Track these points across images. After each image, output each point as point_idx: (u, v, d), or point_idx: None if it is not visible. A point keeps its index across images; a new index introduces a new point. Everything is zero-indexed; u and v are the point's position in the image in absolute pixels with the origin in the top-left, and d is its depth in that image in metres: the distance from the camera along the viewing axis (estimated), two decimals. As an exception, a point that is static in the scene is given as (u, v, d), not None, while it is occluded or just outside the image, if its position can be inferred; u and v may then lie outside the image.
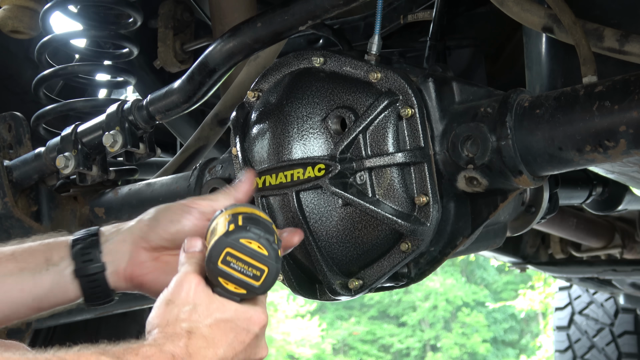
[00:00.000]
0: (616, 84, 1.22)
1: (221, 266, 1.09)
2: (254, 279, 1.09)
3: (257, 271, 1.09)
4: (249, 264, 1.09)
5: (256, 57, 1.76)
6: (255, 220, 1.14)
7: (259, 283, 1.09)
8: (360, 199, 1.37)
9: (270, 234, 1.12)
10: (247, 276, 1.09)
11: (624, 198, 2.50)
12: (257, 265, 1.09)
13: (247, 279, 1.09)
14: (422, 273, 1.44)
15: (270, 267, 1.09)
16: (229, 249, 1.09)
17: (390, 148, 1.36)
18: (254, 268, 1.09)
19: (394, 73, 1.37)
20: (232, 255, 1.09)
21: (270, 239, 1.11)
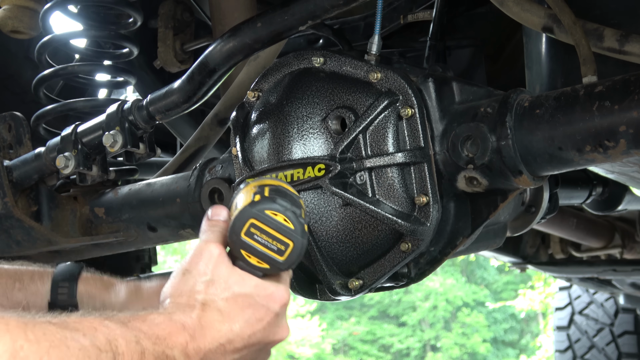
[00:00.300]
0: (616, 84, 1.22)
1: (244, 238, 1.04)
2: (278, 253, 1.04)
3: (282, 245, 1.04)
4: (274, 237, 1.04)
5: (256, 57, 1.76)
6: (282, 192, 1.09)
7: (283, 258, 1.04)
8: (360, 199, 1.36)
9: (298, 207, 1.07)
10: (271, 250, 1.04)
11: (624, 198, 2.50)
12: (282, 239, 1.04)
13: (270, 252, 1.04)
14: (422, 273, 1.44)
15: (296, 241, 1.04)
16: (253, 219, 1.04)
17: (390, 148, 1.36)
18: (278, 242, 1.04)
19: (394, 73, 1.37)
20: (257, 226, 1.04)
21: (297, 212, 1.05)
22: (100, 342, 0.85)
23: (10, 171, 1.89)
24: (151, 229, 1.84)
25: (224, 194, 1.65)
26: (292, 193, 1.11)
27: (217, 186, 1.66)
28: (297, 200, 1.10)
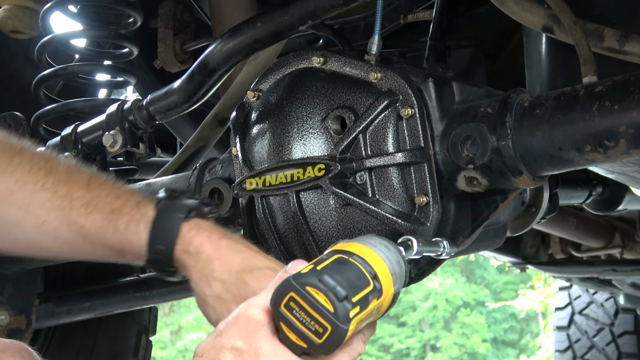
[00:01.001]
0: (616, 84, 1.22)
1: (284, 311, 0.95)
2: (315, 334, 0.94)
3: (320, 327, 0.94)
4: (312, 316, 0.94)
5: (256, 57, 1.76)
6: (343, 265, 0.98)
7: (321, 341, 0.94)
8: (360, 199, 1.36)
9: (351, 288, 0.95)
10: (308, 329, 0.95)
11: (624, 198, 2.50)
12: (320, 321, 0.94)
13: (308, 332, 0.95)
14: (422, 273, 1.44)
15: (334, 326, 0.93)
16: (293, 294, 0.95)
17: (390, 148, 1.36)
18: (317, 323, 0.94)
19: (394, 73, 1.37)
20: (296, 302, 0.95)
21: (342, 295, 0.94)
22: None
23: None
24: (151, 229, 1.84)
25: (224, 194, 1.65)
26: (360, 268, 0.99)
27: (217, 186, 1.66)
28: (359, 280, 0.97)
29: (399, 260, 1.06)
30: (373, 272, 0.99)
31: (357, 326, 0.97)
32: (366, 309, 0.96)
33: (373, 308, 0.98)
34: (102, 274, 2.63)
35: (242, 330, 0.95)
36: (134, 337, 2.77)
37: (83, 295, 2.45)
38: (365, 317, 0.98)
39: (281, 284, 0.97)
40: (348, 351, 1.00)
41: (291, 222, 1.44)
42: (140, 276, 2.60)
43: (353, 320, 0.94)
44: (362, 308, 0.95)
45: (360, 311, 0.95)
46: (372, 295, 0.97)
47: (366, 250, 1.02)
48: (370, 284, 0.98)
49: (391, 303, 1.04)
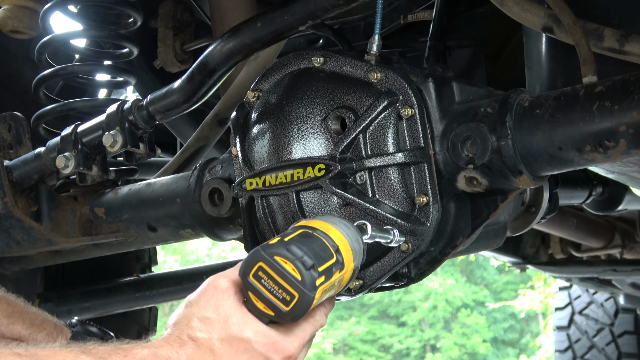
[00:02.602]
0: (616, 84, 1.22)
1: (252, 280, 0.99)
2: (283, 302, 0.98)
3: (287, 295, 0.98)
4: (280, 285, 0.98)
5: (256, 57, 1.76)
6: (309, 238, 1.02)
7: (288, 308, 0.98)
8: (360, 199, 1.36)
9: (317, 258, 0.99)
10: (276, 297, 0.98)
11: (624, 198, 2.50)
12: (287, 289, 0.98)
13: (275, 300, 0.98)
14: (422, 273, 1.44)
15: (301, 294, 0.97)
16: (262, 263, 0.99)
17: (390, 148, 1.36)
18: (284, 291, 0.98)
19: (394, 73, 1.37)
20: (265, 271, 0.98)
21: (309, 264, 0.98)
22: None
23: (10, 171, 1.89)
24: (151, 229, 1.84)
25: (224, 194, 1.65)
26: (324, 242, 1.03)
27: (217, 186, 1.66)
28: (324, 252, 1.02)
29: (358, 239, 1.12)
30: (335, 246, 1.04)
31: (321, 296, 1.00)
32: (330, 279, 1.00)
33: (335, 280, 1.02)
34: (102, 274, 2.64)
35: (210, 300, 0.97)
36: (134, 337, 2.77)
37: (83, 295, 2.45)
38: (329, 288, 1.01)
39: (250, 254, 1.00)
40: (311, 321, 1.03)
41: (291, 222, 1.44)
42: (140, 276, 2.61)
43: (319, 289, 0.98)
44: (327, 278, 0.99)
45: (325, 281, 0.99)
46: (335, 267, 1.01)
47: (329, 227, 1.07)
48: (334, 256, 1.02)
49: (351, 277, 1.08)
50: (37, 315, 1.33)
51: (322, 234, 1.05)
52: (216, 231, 1.75)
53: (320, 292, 0.99)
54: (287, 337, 1.00)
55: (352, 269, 1.08)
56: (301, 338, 1.02)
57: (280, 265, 0.98)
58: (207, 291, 1.00)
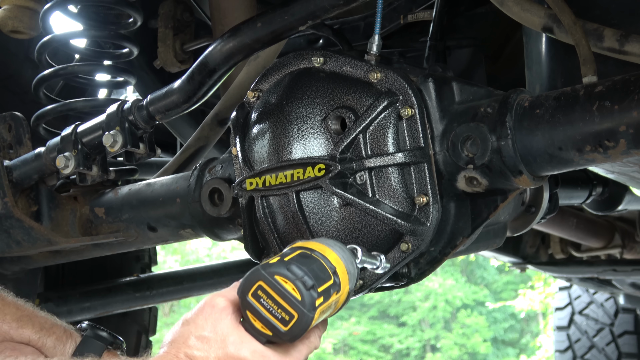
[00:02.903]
0: (616, 84, 1.22)
1: (251, 299, 0.99)
2: (281, 322, 0.98)
3: (287, 315, 0.98)
4: (280, 304, 0.98)
5: (256, 57, 1.76)
6: (309, 259, 1.02)
7: (286, 328, 0.98)
8: (360, 199, 1.36)
9: (316, 279, 0.99)
10: (275, 317, 0.98)
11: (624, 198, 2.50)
12: (287, 309, 0.98)
13: (274, 320, 0.98)
14: (422, 273, 1.44)
15: (301, 314, 0.97)
16: (261, 282, 0.99)
17: (390, 148, 1.36)
18: (283, 310, 0.98)
19: (394, 73, 1.37)
20: (264, 290, 0.99)
21: (309, 284, 0.98)
22: None
23: (10, 171, 1.89)
24: (151, 229, 1.84)
25: (224, 194, 1.65)
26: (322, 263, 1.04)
27: (217, 186, 1.66)
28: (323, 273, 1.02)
29: (352, 262, 1.12)
30: (333, 268, 1.05)
31: (319, 317, 1.01)
32: (328, 300, 1.01)
33: (332, 301, 1.03)
34: (102, 274, 2.64)
35: (208, 319, 0.98)
36: (134, 337, 2.77)
37: (83, 295, 2.45)
38: (326, 309, 1.02)
39: (250, 273, 1.00)
40: (307, 343, 1.04)
41: (291, 222, 1.44)
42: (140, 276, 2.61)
43: (318, 309, 0.98)
44: (325, 299, 1.00)
45: (324, 302, 1.00)
46: (333, 288, 1.02)
47: (326, 249, 1.07)
48: (332, 277, 1.03)
49: (345, 300, 1.09)
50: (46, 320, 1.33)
51: (320, 256, 1.06)
52: (216, 231, 1.75)
53: (319, 313, 1.00)
54: (284, 358, 1.00)
55: (347, 292, 1.09)
56: (297, 356, 1.03)
57: (280, 285, 0.98)
58: (204, 310, 1.00)
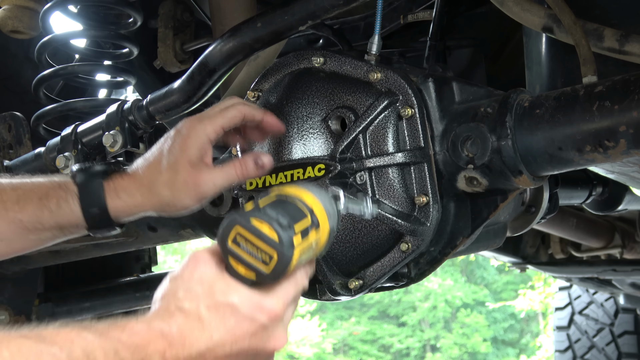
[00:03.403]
0: (616, 84, 1.22)
1: (231, 246, 1.02)
2: (263, 263, 1.01)
3: (266, 256, 1.00)
4: (258, 247, 1.01)
5: (256, 57, 1.76)
6: (284, 203, 1.05)
7: (268, 269, 1.01)
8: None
9: (292, 218, 1.02)
10: (256, 260, 1.01)
11: (624, 198, 2.50)
12: (265, 250, 1.00)
13: (256, 263, 1.01)
14: (422, 273, 1.44)
15: (280, 254, 1.00)
16: (238, 227, 1.02)
17: (390, 148, 1.36)
18: (263, 252, 1.00)
19: (394, 73, 1.37)
20: (242, 235, 1.01)
21: (285, 223, 1.01)
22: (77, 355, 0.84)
23: (10, 171, 1.89)
24: (151, 229, 1.84)
25: (223, 194, 1.65)
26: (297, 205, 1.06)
27: (217, 186, 1.66)
28: (298, 213, 1.04)
29: (330, 201, 1.14)
30: (309, 208, 1.07)
31: (300, 256, 1.02)
32: (307, 239, 1.03)
33: (312, 241, 1.04)
34: (102, 274, 2.64)
35: (194, 272, 1.01)
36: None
37: (83, 295, 2.45)
38: (307, 248, 1.03)
39: (226, 221, 1.02)
40: (293, 281, 1.06)
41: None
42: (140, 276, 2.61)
43: (296, 248, 1.00)
44: (303, 237, 1.02)
45: (302, 240, 1.02)
46: (311, 227, 1.04)
47: (301, 191, 1.10)
48: (308, 216, 1.05)
49: (328, 239, 1.10)
50: (40, 187, 1.35)
51: (296, 198, 1.08)
52: (216, 231, 1.75)
53: (299, 251, 1.02)
54: (271, 298, 1.02)
55: (328, 230, 1.11)
56: (285, 297, 1.04)
57: (256, 228, 1.01)
58: (188, 264, 1.03)
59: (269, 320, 1.02)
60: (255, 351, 1.03)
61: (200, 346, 0.97)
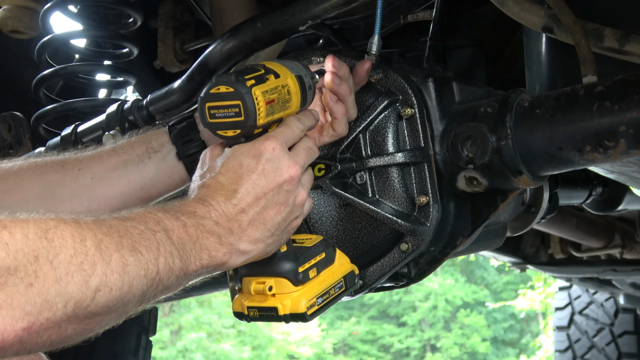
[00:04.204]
0: (616, 84, 1.22)
1: (212, 121, 1.15)
2: (237, 116, 1.13)
3: (235, 108, 1.13)
4: (227, 106, 1.14)
5: (256, 57, 1.76)
6: (245, 69, 1.18)
7: (243, 117, 1.13)
8: (360, 199, 1.37)
9: (243, 73, 1.15)
10: (230, 117, 1.14)
11: (624, 198, 2.50)
12: (232, 104, 1.13)
13: (232, 119, 1.14)
14: (422, 273, 1.44)
15: (241, 98, 1.12)
16: (207, 103, 1.15)
17: (390, 148, 1.36)
18: (232, 107, 1.14)
19: (394, 73, 1.37)
20: (213, 107, 1.15)
21: (232, 76, 1.13)
22: (152, 225, 1.03)
23: (10, 171, 1.89)
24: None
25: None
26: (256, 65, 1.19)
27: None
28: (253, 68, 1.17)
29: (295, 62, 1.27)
30: (263, 65, 1.19)
31: (266, 97, 1.15)
32: (266, 83, 1.16)
33: (273, 85, 1.17)
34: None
35: (203, 165, 1.19)
36: (134, 337, 2.77)
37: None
38: (270, 91, 1.16)
39: (197, 107, 1.18)
40: (284, 127, 1.21)
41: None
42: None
43: (253, 88, 1.14)
44: (259, 81, 1.15)
45: (258, 82, 1.15)
46: (265, 74, 1.17)
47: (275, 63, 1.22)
48: (261, 69, 1.17)
49: (300, 86, 1.22)
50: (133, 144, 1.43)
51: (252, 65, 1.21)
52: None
53: (260, 93, 1.14)
54: (262, 139, 1.16)
55: (294, 77, 1.22)
56: (278, 136, 1.18)
57: (216, 94, 1.14)
58: (201, 158, 1.21)
59: (269, 153, 1.15)
60: (274, 184, 1.16)
61: (231, 199, 1.12)
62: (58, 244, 0.89)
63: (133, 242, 0.98)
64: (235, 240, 1.12)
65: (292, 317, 1.20)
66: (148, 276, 0.99)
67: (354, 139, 1.38)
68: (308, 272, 1.22)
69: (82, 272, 0.90)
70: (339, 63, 1.32)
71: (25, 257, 0.85)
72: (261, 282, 1.20)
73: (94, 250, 0.92)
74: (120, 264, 0.95)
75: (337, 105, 1.30)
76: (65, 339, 0.94)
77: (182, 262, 1.04)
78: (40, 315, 0.86)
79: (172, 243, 1.03)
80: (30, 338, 0.87)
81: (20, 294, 0.85)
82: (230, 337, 16.85)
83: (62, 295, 0.88)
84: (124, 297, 0.96)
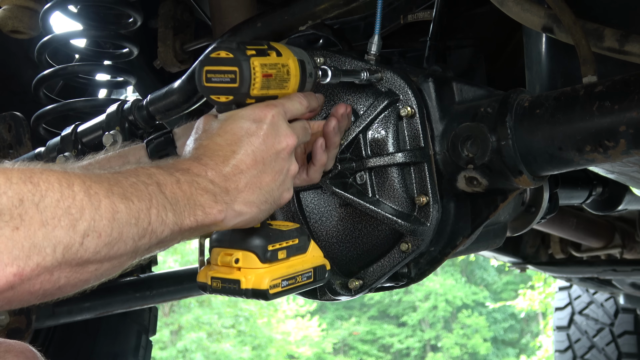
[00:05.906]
0: (616, 84, 1.22)
1: (207, 85, 1.16)
2: (232, 82, 1.14)
3: (232, 74, 1.14)
4: (223, 71, 1.15)
5: (256, 57, 1.76)
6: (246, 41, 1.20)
7: (237, 84, 1.14)
8: (360, 199, 1.37)
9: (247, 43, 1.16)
10: (225, 82, 1.15)
11: (624, 198, 2.50)
12: (229, 70, 1.14)
13: (227, 85, 1.15)
14: (422, 273, 1.44)
15: (239, 65, 1.13)
16: (205, 67, 1.16)
17: (390, 148, 1.36)
18: (228, 73, 1.14)
19: (394, 73, 1.37)
20: (210, 71, 1.15)
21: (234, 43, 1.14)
22: (144, 178, 1.02)
23: (10, 171, 1.88)
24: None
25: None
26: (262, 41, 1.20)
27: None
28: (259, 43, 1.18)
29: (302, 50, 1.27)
30: (267, 42, 1.20)
31: (264, 70, 1.15)
32: (265, 56, 1.17)
33: (273, 61, 1.18)
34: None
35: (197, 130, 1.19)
36: (134, 337, 2.77)
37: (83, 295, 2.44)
38: (270, 65, 1.17)
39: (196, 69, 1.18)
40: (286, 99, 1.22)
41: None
42: (140, 276, 2.60)
43: (252, 58, 1.15)
44: (260, 54, 1.16)
45: (258, 54, 1.16)
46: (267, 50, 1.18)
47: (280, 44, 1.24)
48: (264, 44, 1.18)
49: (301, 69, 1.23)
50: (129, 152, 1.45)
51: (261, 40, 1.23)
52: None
53: (258, 64, 1.14)
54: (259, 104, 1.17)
55: (296, 60, 1.22)
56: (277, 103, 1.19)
57: (215, 58, 1.15)
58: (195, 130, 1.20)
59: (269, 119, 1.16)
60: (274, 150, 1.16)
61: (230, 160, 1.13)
62: (44, 187, 0.88)
63: (124, 191, 0.97)
64: (230, 200, 1.11)
65: (253, 292, 1.18)
66: (139, 225, 0.98)
67: (354, 139, 1.38)
68: (277, 252, 1.21)
69: (69, 216, 0.88)
70: (347, 116, 1.33)
71: (9, 201, 0.84)
72: (229, 254, 1.20)
73: (82, 195, 0.91)
74: (110, 210, 0.93)
75: (323, 155, 1.30)
76: (60, 289, 0.93)
77: (175, 217, 1.03)
78: (29, 259, 0.85)
79: (165, 197, 1.02)
80: (22, 285, 0.86)
81: (6, 238, 0.83)
82: (230, 337, 16.85)
83: (49, 239, 0.86)
84: (114, 244, 0.94)
